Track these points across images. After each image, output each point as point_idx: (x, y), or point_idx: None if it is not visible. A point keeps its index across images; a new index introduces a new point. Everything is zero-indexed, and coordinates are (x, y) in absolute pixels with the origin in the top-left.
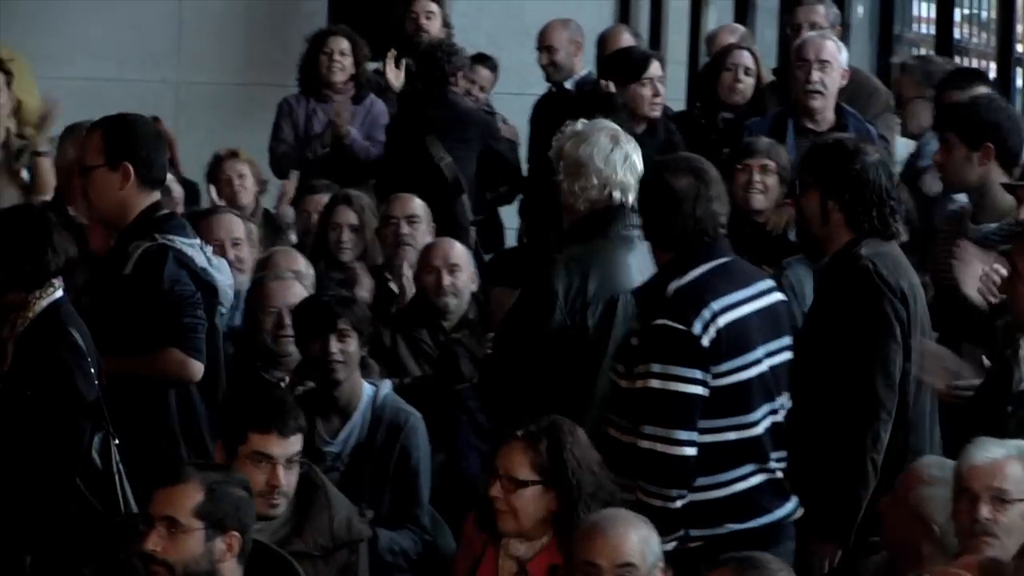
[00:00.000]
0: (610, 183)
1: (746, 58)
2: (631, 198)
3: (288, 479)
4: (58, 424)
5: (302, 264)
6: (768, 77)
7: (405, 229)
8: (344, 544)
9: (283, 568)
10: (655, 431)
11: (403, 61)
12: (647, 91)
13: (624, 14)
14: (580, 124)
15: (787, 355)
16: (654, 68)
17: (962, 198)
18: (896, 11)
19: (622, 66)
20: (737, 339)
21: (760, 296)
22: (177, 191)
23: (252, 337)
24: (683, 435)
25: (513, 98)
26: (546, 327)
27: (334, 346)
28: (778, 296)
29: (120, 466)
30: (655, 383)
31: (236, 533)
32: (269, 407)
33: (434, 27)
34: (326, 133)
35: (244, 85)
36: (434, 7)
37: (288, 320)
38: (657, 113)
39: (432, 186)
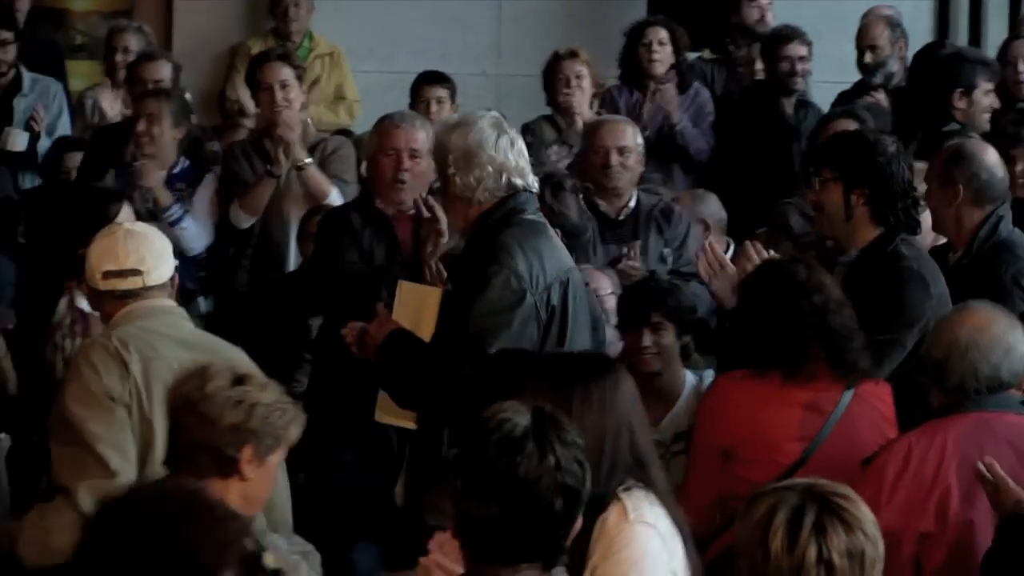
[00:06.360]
0: (505, 169)
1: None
2: (531, 182)
3: None
4: None
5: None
6: None
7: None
8: None
9: None
10: None
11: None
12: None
13: (943, 8)
14: (456, 115)
15: None
16: None
17: None
18: None
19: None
20: None
21: None
22: None
23: None
24: None
25: (831, 87)
26: (516, 310)
27: (647, 339)
28: None
29: None
30: None
31: None
32: None
33: (769, 15)
34: (654, 121)
35: None
36: None
37: None
38: None
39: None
